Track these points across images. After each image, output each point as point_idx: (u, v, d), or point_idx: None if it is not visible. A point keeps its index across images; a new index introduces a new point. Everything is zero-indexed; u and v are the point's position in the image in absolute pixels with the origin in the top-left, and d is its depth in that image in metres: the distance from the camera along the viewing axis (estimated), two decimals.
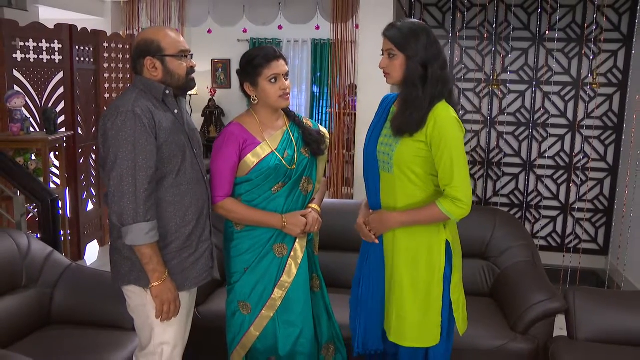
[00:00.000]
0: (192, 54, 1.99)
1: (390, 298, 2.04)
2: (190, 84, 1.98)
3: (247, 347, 2.19)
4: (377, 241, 2.06)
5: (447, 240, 1.98)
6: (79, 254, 4.65)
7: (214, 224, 2.09)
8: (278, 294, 2.15)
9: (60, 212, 3.50)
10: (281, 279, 2.15)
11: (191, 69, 1.96)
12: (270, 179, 2.09)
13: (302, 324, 2.18)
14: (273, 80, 2.06)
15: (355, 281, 2.18)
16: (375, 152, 2.02)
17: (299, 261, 2.16)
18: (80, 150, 4.67)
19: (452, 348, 2.11)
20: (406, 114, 1.90)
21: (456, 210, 1.87)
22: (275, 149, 2.10)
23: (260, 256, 2.14)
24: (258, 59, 2.07)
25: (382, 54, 1.96)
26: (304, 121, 2.25)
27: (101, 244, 5.06)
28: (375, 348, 2.11)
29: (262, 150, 2.09)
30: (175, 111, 1.94)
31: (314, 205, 2.22)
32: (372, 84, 3.96)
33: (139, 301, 1.95)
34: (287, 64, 2.12)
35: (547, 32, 4.52)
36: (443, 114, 1.87)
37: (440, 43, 1.96)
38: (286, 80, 2.10)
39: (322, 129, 2.29)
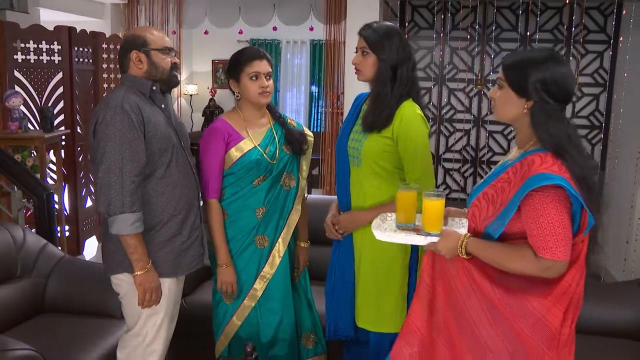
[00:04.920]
0: (176, 53, 2.11)
1: (358, 284, 2.13)
2: (173, 79, 2.08)
3: (230, 335, 2.28)
4: (341, 238, 2.16)
5: None
6: (78, 249, 4.76)
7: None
8: (259, 284, 2.23)
9: (57, 206, 3.61)
10: (263, 270, 2.24)
11: (174, 65, 2.07)
12: (252, 172, 2.19)
13: (283, 311, 2.26)
14: (254, 78, 2.17)
15: (329, 270, 2.27)
16: (346, 147, 2.12)
17: (282, 253, 2.26)
18: (79, 149, 4.78)
19: None
20: (376, 111, 2.01)
21: None
22: (258, 145, 2.20)
23: (242, 247, 2.23)
24: (242, 57, 2.19)
25: (356, 51, 2.08)
26: (289, 121, 2.34)
27: (100, 239, 5.16)
28: (346, 334, 2.18)
29: (245, 145, 2.19)
30: (163, 106, 2.05)
31: (303, 244, 2.42)
32: (359, 84, 4.03)
33: (131, 288, 2.02)
34: (271, 66, 2.23)
35: (534, 33, 4.60)
36: (408, 112, 1.98)
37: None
38: (268, 80, 2.20)
39: (307, 130, 2.38)
